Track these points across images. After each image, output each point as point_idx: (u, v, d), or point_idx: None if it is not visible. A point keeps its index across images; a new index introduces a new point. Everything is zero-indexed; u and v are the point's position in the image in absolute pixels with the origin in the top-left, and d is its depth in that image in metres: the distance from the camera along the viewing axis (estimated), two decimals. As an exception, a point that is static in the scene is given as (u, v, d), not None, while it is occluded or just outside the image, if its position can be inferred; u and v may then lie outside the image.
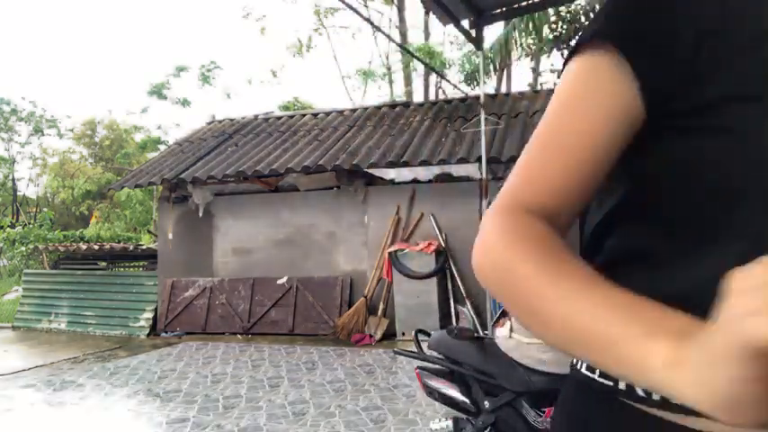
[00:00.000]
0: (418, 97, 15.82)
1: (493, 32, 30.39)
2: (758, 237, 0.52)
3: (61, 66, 48.11)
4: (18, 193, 21.98)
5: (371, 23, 5.60)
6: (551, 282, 0.51)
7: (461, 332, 1.93)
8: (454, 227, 6.71)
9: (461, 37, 6.10)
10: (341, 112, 8.99)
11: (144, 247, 11.86)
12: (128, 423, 4.04)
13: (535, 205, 0.58)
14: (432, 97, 15.39)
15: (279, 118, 9.50)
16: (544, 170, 0.60)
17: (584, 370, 0.66)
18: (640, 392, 0.58)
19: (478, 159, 5.78)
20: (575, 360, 0.69)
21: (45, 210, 18.87)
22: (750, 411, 0.37)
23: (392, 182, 7.15)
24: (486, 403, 1.73)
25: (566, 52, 10.09)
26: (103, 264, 10.53)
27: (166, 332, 7.46)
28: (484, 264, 0.57)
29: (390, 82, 18.32)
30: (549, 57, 12.38)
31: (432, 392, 1.95)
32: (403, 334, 6.42)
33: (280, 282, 7.31)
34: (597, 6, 8.89)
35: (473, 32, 5.21)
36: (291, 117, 9.45)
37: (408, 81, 16.95)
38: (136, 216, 16.80)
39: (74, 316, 8.13)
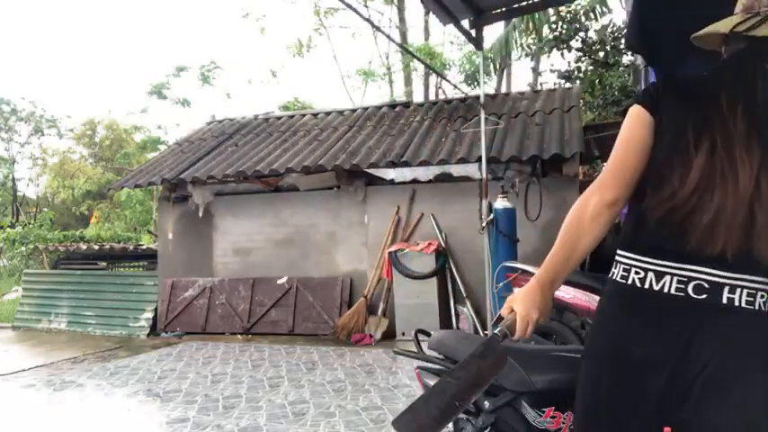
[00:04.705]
0: (418, 97, 15.83)
1: (493, 32, 30.30)
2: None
3: (61, 66, 48.01)
4: (18, 193, 21.98)
5: (371, 23, 5.58)
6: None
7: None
8: (454, 227, 6.71)
9: (461, 37, 6.09)
10: (341, 112, 8.98)
11: (144, 247, 11.86)
12: (128, 423, 4.04)
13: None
14: (432, 97, 15.37)
15: (279, 118, 9.49)
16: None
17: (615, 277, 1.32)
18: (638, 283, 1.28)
19: (478, 159, 5.77)
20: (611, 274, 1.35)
21: (45, 210, 18.89)
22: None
23: (392, 182, 7.15)
24: (486, 403, 1.73)
25: (566, 52, 10.10)
26: (103, 264, 10.53)
27: (166, 332, 7.46)
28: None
29: (390, 82, 18.30)
30: (549, 57, 12.33)
31: (432, 392, 1.94)
32: (403, 334, 6.41)
33: (280, 282, 7.32)
34: (596, 7, 8.85)
35: (473, 32, 5.19)
36: (291, 117, 9.44)
37: (408, 81, 16.94)
38: (136, 216, 16.78)
39: (74, 316, 8.13)
